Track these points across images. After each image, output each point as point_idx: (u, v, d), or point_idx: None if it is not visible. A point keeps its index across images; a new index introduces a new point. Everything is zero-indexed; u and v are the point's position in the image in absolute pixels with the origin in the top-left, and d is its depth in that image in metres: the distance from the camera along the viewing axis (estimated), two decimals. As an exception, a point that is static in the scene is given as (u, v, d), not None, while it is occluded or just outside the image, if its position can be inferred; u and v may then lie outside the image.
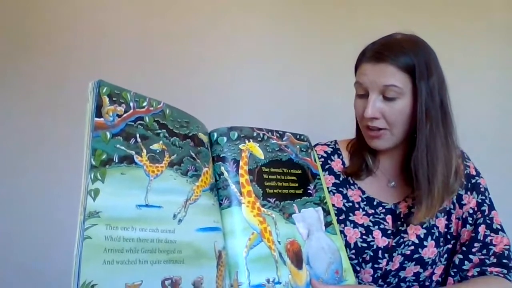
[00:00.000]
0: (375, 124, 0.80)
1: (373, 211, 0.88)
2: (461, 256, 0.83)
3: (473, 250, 0.81)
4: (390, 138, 0.81)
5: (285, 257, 0.66)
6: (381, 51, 0.78)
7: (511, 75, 1.27)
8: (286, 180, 0.73)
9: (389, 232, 0.85)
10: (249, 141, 0.71)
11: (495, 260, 0.80)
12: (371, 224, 0.86)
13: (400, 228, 0.85)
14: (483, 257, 0.81)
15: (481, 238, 0.81)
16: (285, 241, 0.68)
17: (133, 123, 0.55)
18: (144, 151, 0.55)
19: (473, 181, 0.86)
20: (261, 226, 0.65)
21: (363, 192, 0.90)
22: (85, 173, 0.47)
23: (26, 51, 1.45)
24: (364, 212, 0.87)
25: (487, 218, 0.82)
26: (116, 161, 0.50)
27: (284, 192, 0.72)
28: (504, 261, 0.80)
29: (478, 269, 0.80)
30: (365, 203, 0.89)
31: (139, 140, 0.54)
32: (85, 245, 0.44)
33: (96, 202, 0.47)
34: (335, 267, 0.72)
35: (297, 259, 0.68)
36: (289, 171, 0.75)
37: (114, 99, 0.53)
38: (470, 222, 0.83)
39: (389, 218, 0.86)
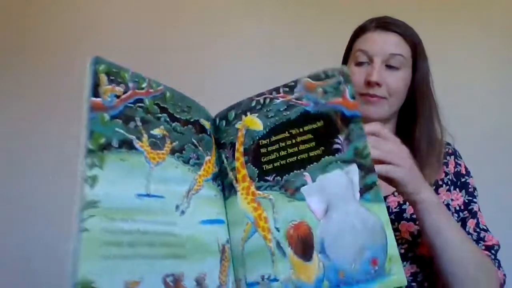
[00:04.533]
0: (376, 91, 0.79)
1: None
2: None
3: None
4: (386, 107, 0.81)
5: (286, 247, 0.54)
6: (390, 22, 0.81)
7: (510, 75, 1.30)
8: (294, 144, 0.58)
9: None
10: (246, 116, 0.62)
11: (483, 248, 0.76)
12: None
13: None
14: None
15: (470, 231, 0.78)
16: (287, 226, 0.54)
17: (132, 105, 0.50)
18: (145, 136, 0.50)
19: (463, 180, 0.84)
20: (255, 214, 0.57)
21: None
22: (82, 158, 0.42)
23: (21, 49, 1.43)
24: None
25: (476, 217, 0.80)
26: (115, 145, 0.46)
27: (290, 161, 0.57)
28: (492, 251, 0.77)
29: None
30: None
31: (139, 123, 0.50)
32: (83, 238, 0.40)
33: (94, 191, 0.42)
34: (371, 255, 0.49)
35: (304, 248, 0.53)
36: (301, 130, 0.58)
37: (112, 78, 0.48)
38: (456, 218, 0.79)
39: None
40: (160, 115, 0.53)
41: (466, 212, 0.80)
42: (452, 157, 0.85)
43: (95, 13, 1.44)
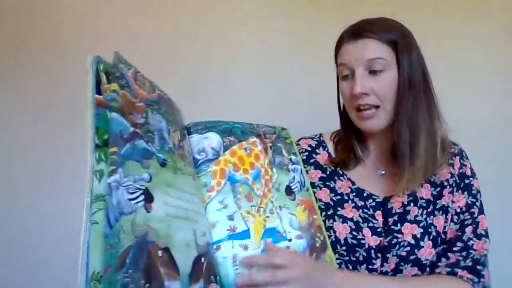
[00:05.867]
0: (366, 101, 0.77)
1: (362, 203, 0.82)
2: (440, 253, 0.80)
3: (454, 249, 0.78)
4: (383, 116, 0.78)
5: None
6: (361, 28, 0.78)
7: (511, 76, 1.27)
8: None
9: (379, 230, 0.80)
10: None
11: (470, 264, 0.77)
12: (360, 220, 0.80)
13: (393, 227, 0.79)
14: (460, 258, 0.78)
15: (466, 239, 0.78)
16: None
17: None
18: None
19: (467, 181, 0.83)
20: None
21: (353, 183, 0.85)
22: (90, 153, 0.43)
23: (27, 52, 1.39)
24: (353, 205, 0.82)
25: (475, 221, 0.80)
26: (115, 143, 0.47)
27: None
28: (478, 267, 0.77)
29: (448, 269, 0.77)
30: (354, 194, 0.83)
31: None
32: (92, 231, 0.40)
33: (102, 184, 0.43)
34: None
35: None
36: None
37: (110, 77, 0.49)
38: (455, 220, 0.80)
39: (378, 214, 0.81)
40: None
41: (467, 214, 0.80)
42: (458, 157, 0.84)
43: (101, 18, 1.40)
